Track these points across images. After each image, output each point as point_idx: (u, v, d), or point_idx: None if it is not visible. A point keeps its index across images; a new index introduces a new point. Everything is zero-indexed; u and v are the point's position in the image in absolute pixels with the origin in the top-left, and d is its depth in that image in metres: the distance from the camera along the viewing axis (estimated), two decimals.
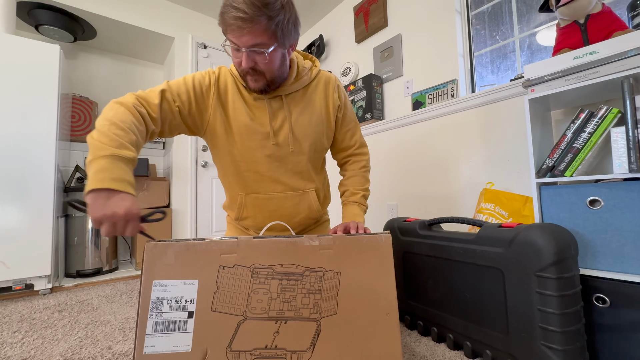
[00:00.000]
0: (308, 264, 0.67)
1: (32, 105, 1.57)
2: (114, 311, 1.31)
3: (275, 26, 0.69)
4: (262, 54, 0.71)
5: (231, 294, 0.64)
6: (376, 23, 2.01)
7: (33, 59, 1.59)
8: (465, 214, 1.44)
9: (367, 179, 0.99)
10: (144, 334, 0.60)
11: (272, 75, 0.78)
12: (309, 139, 0.87)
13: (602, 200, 0.81)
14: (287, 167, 0.87)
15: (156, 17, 2.25)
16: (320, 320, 0.65)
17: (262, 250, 0.67)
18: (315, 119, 0.88)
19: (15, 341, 1.04)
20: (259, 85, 0.78)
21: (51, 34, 2.06)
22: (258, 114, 0.83)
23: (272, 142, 0.83)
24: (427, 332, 1.01)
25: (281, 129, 0.84)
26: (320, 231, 1.02)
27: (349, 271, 0.68)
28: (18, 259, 1.49)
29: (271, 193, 0.88)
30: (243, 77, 0.79)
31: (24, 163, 1.53)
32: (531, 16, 1.44)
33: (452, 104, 1.50)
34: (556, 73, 0.91)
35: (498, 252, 0.81)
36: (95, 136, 0.63)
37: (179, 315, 0.62)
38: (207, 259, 0.65)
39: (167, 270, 0.63)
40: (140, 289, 0.62)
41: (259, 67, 0.74)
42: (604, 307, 0.77)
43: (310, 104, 0.88)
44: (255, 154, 0.84)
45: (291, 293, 0.66)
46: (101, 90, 2.45)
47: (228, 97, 0.83)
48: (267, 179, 0.86)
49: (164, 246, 0.64)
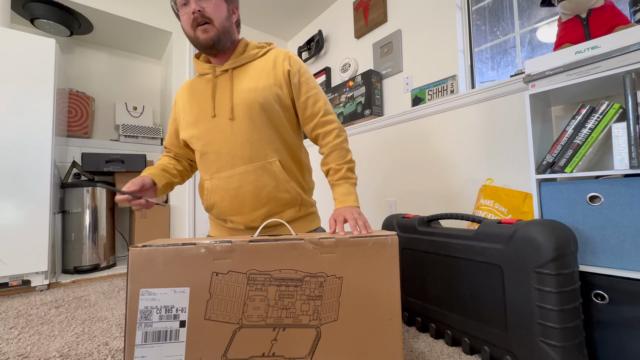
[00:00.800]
0: (308, 269, 0.63)
1: (28, 100, 1.55)
2: (111, 307, 1.31)
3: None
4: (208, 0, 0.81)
5: (226, 301, 0.61)
6: (376, 18, 1.99)
7: (28, 53, 1.57)
8: (465, 211, 1.43)
9: (347, 149, 0.91)
10: (133, 345, 0.57)
11: (221, 24, 0.84)
12: (256, 103, 0.85)
13: (602, 196, 0.80)
14: (239, 138, 0.85)
15: (153, 11, 2.22)
16: (320, 327, 0.63)
17: (259, 255, 0.62)
18: (261, 83, 0.87)
19: (11, 337, 1.03)
20: (209, 34, 0.83)
21: (47, 27, 2.03)
22: (202, 95, 0.90)
23: (211, 114, 0.87)
24: (426, 328, 1.01)
25: (223, 100, 0.87)
26: (306, 225, 0.95)
27: (352, 276, 0.64)
28: (15, 255, 1.48)
29: (230, 169, 0.86)
30: (194, 32, 0.84)
31: (20, 159, 1.52)
32: (532, 12, 1.42)
33: (452, 100, 1.49)
34: (557, 68, 0.90)
35: (497, 249, 0.80)
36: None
37: (170, 325, 0.59)
38: (199, 265, 0.61)
39: (155, 278, 0.59)
40: (126, 297, 0.58)
41: (206, 12, 0.82)
42: (603, 304, 0.77)
43: (257, 72, 0.89)
44: (205, 133, 0.88)
45: (290, 300, 0.62)
46: (98, 85, 2.43)
47: (184, 96, 0.95)
48: (224, 155, 0.87)
49: (150, 252, 0.59)
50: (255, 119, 0.85)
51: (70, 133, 2.19)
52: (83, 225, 1.89)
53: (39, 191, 1.56)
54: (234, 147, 0.86)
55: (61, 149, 1.95)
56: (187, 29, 0.86)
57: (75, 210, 1.87)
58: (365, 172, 1.95)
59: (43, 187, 1.57)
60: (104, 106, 2.44)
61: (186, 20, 0.84)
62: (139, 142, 2.46)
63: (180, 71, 2.32)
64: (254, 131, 0.85)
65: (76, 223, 1.88)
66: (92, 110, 2.30)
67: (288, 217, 0.91)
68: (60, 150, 1.93)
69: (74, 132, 2.20)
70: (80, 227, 1.88)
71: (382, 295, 0.65)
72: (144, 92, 2.64)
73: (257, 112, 0.85)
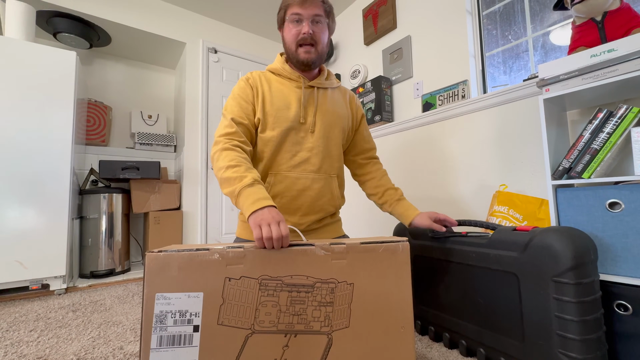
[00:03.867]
0: (319, 275, 0.64)
1: (50, 110, 1.62)
2: (125, 312, 1.33)
3: (328, 7, 0.93)
4: (319, 25, 0.91)
5: (238, 306, 0.61)
6: (385, 25, 2.00)
7: (51, 65, 1.64)
8: (478, 217, 1.41)
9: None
10: (148, 349, 0.58)
11: (321, 48, 0.94)
12: (337, 126, 0.98)
13: (623, 202, 0.77)
14: (315, 148, 0.94)
15: (168, 23, 2.30)
16: (331, 334, 0.63)
17: (270, 261, 0.63)
18: (342, 111, 1.02)
19: (31, 340, 1.06)
20: (310, 56, 0.92)
21: (68, 41, 2.12)
22: (287, 97, 0.94)
23: (300, 120, 0.94)
24: (439, 337, 0.99)
25: (309, 112, 0.95)
26: (333, 230, 1.02)
27: (363, 282, 0.65)
28: (35, 260, 1.53)
29: (300, 173, 0.93)
30: (296, 51, 0.92)
31: (42, 166, 1.58)
32: (544, 15, 1.41)
33: (463, 105, 1.48)
34: (572, 72, 0.88)
35: (513, 256, 0.78)
36: (224, 180, 0.77)
37: (184, 329, 0.59)
38: (212, 270, 0.62)
39: (170, 283, 0.60)
40: (142, 302, 0.60)
41: (315, 35, 0.90)
42: (626, 315, 0.74)
43: (337, 101, 1.02)
44: (286, 133, 0.92)
45: (301, 306, 0.63)
46: (115, 94, 2.51)
47: (264, 86, 0.95)
48: (297, 158, 0.93)
49: (166, 257, 0.61)
50: (331, 137, 0.97)
51: (88, 141, 2.26)
52: (99, 230, 1.95)
53: (58, 197, 1.61)
54: (309, 154, 0.94)
55: (80, 156, 2.02)
56: (290, 43, 0.93)
57: (92, 216, 1.93)
58: None
59: (62, 193, 1.62)
60: (121, 115, 2.52)
61: (293, 35, 0.91)
62: (154, 150, 2.52)
63: (193, 80, 2.38)
64: (327, 146, 0.96)
65: (93, 228, 1.93)
66: (109, 119, 2.38)
67: (324, 222, 1.01)
68: (79, 158, 2.00)
69: (93, 140, 2.28)
70: (97, 233, 1.94)
71: (394, 303, 0.65)
72: (158, 100, 2.72)
73: (335, 132, 0.98)
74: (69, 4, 1.94)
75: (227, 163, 0.78)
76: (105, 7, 2.05)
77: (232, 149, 0.82)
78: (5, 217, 1.48)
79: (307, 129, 0.94)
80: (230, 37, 2.57)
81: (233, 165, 0.77)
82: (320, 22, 0.91)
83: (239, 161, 0.79)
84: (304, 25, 0.89)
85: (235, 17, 2.46)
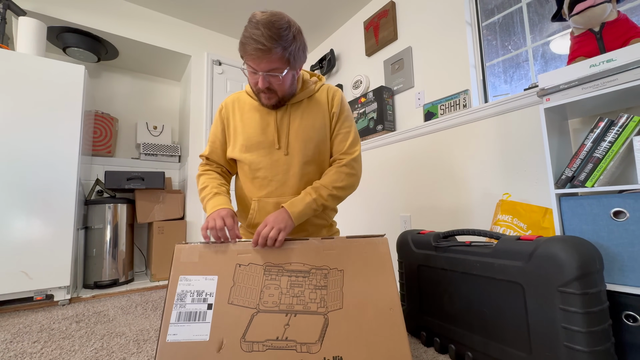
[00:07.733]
0: (314, 262, 0.76)
1: (58, 122, 1.65)
2: (129, 323, 1.33)
3: (289, 54, 0.81)
4: (276, 77, 0.83)
5: (246, 288, 0.72)
6: (386, 36, 2.04)
7: (60, 79, 1.69)
8: (481, 226, 1.40)
9: (341, 177, 0.92)
10: (168, 323, 0.67)
11: (284, 93, 0.90)
12: (313, 142, 0.94)
13: (628, 211, 0.77)
14: (292, 170, 0.93)
15: (174, 37, 2.36)
16: (327, 314, 0.71)
17: (273, 251, 0.78)
18: (318, 122, 0.95)
19: (35, 351, 1.06)
20: (271, 102, 0.90)
21: (77, 55, 2.18)
22: (257, 121, 0.94)
23: (276, 147, 0.93)
24: (445, 349, 0.97)
25: (282, 135, 0.93)
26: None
27: (352, 269, 0.76)
28: (40, 270, 1.54)
29: (279, 197, 0.93)
30: (257, 95, 0.91)
31: (49, 177, 1.60)
32: (543, 25, 1.42)
33: (465, 114, 1.49)
34: (572, 82, 0.89)
35: (517, 266, 0.78)
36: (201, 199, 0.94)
37: (199, 307, 0.69)
38: (226, 258, 0.75)
39: (192, 267, 0.73)
40: (168, 282, 0.71)
41: (273, 87, 0.86)
42: (634, 326, 0.72)
43: (313, 110, 0.96)
44: (260, 159, 0.93)
45: (299, 288, 0.73)
46: (122, 106, 2.56)
47: (236, 116, 0.97)
48: (274, 183, 0.93)
49: (190, 247, 0.76)
50: (308, 154, 0.93)
51: (94, 152, 2.30)
52: (104, 240, 1.96)
53: (64, 208, 1.63)
54: (285, 177, 0.93)
55: (86, 167, 2.05)
56: (251, 87, 0.91)
57: (97, 226, 1.94)
58: (378, 187, 1.95)
59: (69, 204, 1.64)
60: (126, 126, 2.56)
61: (252, 83, 0.88)
62: (158, 160, 2.55)
63: (198, 91, 2.43)
64: (305, 165, 0.93)
65: (98, 239, 1.94)
66: (115, 130, 2.42)
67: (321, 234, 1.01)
68: (85, 169, 2.02)
69: (99, 151, 2.31)
70: (102, 243, 1.95)
71: (381, 286, 0.74)
72: (163, 111, 2.76)
73: (311, 149, 0.93)
74: (79, 19, 2.00)
75: (200, 187, 0.96)
76: (114, 22, 2.12)
77: (203, 173, 0.99)
78: (12, 227, 1.50)
79: (282, 152, 0.93)
80: (234, 49, 2.63)
81: (203, 188, 0.94)
82: (278, 75, 0.82)
83: (207, 183, 0.95)
84: (260, 79, 0.83)
85: (239, 30, 2.51)
